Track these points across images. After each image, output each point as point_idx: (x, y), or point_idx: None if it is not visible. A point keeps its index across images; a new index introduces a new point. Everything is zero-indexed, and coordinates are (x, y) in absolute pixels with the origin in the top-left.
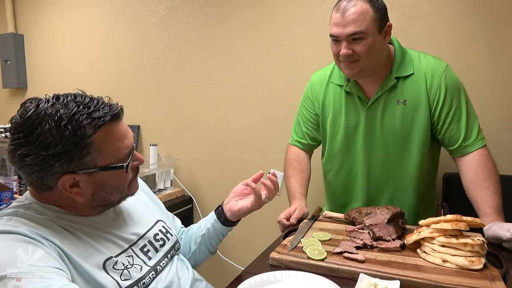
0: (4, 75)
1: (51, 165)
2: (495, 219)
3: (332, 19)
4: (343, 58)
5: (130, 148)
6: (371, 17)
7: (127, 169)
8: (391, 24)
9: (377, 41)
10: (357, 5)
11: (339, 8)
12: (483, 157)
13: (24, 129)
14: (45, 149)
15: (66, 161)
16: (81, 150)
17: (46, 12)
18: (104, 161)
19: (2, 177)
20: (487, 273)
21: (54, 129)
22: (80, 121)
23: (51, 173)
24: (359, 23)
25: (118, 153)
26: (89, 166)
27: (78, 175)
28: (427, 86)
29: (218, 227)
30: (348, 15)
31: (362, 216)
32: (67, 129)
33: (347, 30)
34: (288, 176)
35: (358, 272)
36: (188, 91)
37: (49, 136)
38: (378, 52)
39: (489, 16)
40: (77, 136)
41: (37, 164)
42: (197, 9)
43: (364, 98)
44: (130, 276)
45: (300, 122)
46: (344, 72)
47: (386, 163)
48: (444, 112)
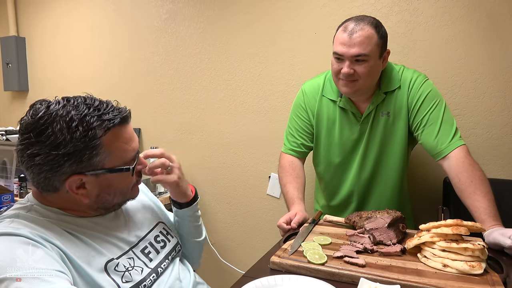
0: (5, 77)
1: (61, 165)
2: (493, 225)
3: (338, 38)
4: (344, 76)
5: (136, 152)
6: (375, 42)
7: (133, 172)
8: (390, 51)
9: (377, 65)
10: (364, 29)
11: (347, 29)
12: (460, 160)
13: (35, 129)
14: (55, 148)
15: (76, 161)
16: (90, 151)
17: (48, 15)
18: (111, 163)
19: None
20: (488, 278)
21: (65, 129)
22: (90, 122)
23: (59, 174)
24: (364, 46)
25: (125, 155)
26: (97, 167)
27: (86, 177)
28: (408, 94)
29: (180, 214)
30: (355, 37)
31: (362, 220)
32: (78, 130)
33: (352, 51)
34: (284, 183)
35: (359, 277)
36: (188, 94)
37: (60, 136)
38: (375, 75)
39: (490, 21)
40: (87, 137)
41: (46, 164)
42: (198, 13)
43: (358, 114)
44: (131, 278)
45: (293, 131)
46: (342, 89)
47: (375, 172)
48: (421, 116)
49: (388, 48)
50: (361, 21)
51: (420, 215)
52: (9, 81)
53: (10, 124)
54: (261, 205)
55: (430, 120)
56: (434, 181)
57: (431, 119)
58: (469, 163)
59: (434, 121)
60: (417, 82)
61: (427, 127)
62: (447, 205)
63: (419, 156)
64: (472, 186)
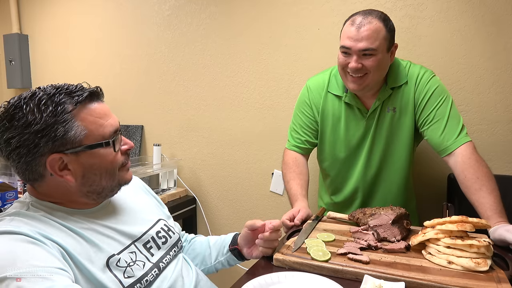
0: (8, 75)
1: (36, 144)
2: (499, 221)
3: (346, 31)
4: (352, 71)
5: (115, 128)
6: (383, 36)
7: (114, 147)
8: (397, 45)
9: (385, 59)
10: (372, 23)
11: (354, 22)
12: (466, 156)
13: (7, 116)
14: (27, 127)
15: (51, 138)
16: (63, 126)
17: (51, 12)
18: (89, 140)
19: (7, 177)
20: (493, 275)
21: (35, 109)
22: (59, 99)
23: (38, 155)
24: (372, 40)
25: (103, 130)
26: (75, 144)
27: (66, 156)
28: (415, 90)
29: (231, 260)
30: (363, 31)
31: (366, 217)
32: (48, 108)
33: (360, 45)
34: (287, 179)
35: (363, 274)
36: (191, 91)
37: (31, 116)
38: (384, 69)
39: (495, 16)
40: (57, 111)
41: (22, 145)
42: (201, 9)
43: (364, 109)
44: (133, 273)
45: (297, 127)
46: (349, 86)
47: (380, 169)
48: (427, 112)
49: (396, 42)
50: (369, 14)
51: (424, 212)
52: (12, 79)
53: None
54: (264, 202)
55: (436, 116)
56: (438, 178)
57: (438, 115)
58: (475, 159)
59: (440, 117)
60: (424, 78)
61: (433, 123)
62: (451, 202)
63: (423, 152)
64: (478, 183)
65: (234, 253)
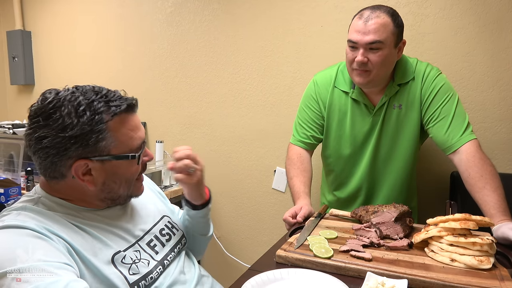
0: (12, 71)
1: (67, 148)
2: (502, 219)
3: (353, 25)
4: (358, 65)
5: (142, 140)
6: (391, 30)
7: (138, 160)
8: (405, 41)
9: (392, 54)
10: (380, 17)
11: (362, 16)
12: (471, 154)
13: (43, 113)
14: (62, 131)
15: (82, 145)
16: (96, 135)
17: (54, 9)
18: (117, 150)
19: (10, 173)
20: (496, 273)
21: (73, 113)
22: (98, 107)
23: (65, 158)
24: (379, 33)
25: (131, 143)
26: (103, 153)
27: (92, 162)
28: (421, 87)
29: (186, 211)
30: (371, 24)
31: (369, 214)
32: (85, 114)
33: (367, 38)
34: (291, 176)
35: (365, 271)
36: (194, 88)
37: (68, 119)
38: (390, 65)
39: (498, 14)
40: (94, 120)
41: (53, 146)
42: (204, 6)
43: (370, 105)
44: (138, 270)
45: (303, 122)
46: (355, 79)
47: (385, 165)
48: (433, 109)
49: (404, 39)
50: (377, 9)
51: (426, 209)
52: (15, 75)
53: (17, 117)
54: (267, 199)
55: (442, 114)
56: (441, 175)
57: (443, 113)
58: (480, 157)
59: (446, 115)
60: (431, 75)
61: (438, 121)
62: (454, 199)
63: (426, 150)
64: (482, 181)
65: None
